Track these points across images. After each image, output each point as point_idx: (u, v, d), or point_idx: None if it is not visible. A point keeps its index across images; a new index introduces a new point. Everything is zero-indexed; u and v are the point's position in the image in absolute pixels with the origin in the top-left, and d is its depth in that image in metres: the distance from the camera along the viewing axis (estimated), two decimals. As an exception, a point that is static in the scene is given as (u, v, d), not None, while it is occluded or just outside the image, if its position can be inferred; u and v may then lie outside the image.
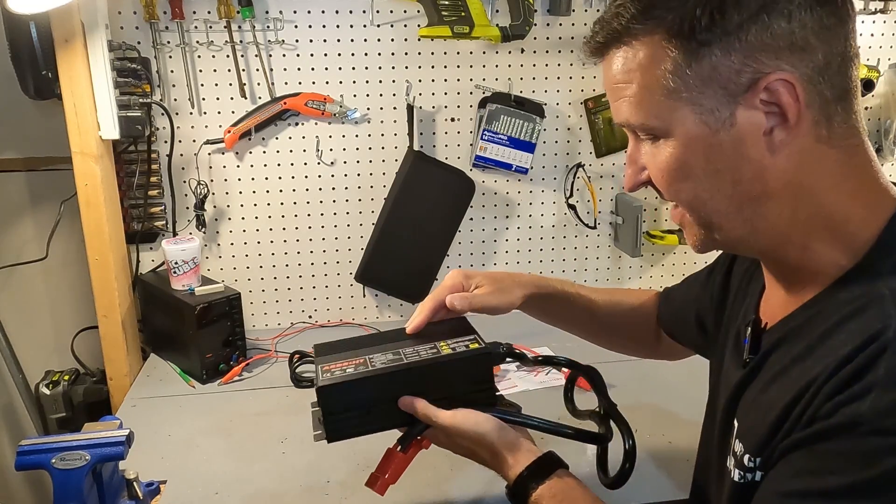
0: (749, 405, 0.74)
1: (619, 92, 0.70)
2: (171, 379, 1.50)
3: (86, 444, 0.92)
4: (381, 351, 0.93)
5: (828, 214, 0.67)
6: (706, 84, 0.64)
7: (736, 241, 0.72)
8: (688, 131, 0.66)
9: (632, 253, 1.76)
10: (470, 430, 0.86)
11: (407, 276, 1.69)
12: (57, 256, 1.69)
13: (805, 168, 0.66)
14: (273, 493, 1.10)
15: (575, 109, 1.73)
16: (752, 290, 0.84)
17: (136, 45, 1.51)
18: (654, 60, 0.66)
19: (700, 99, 0.65)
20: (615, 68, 0.69)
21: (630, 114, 0.69)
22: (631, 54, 0.67)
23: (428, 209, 1.65)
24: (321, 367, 0.91)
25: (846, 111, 0.66)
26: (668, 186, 0.71)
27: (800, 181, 0.66)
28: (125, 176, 1.57)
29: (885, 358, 0.58)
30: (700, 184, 0.68)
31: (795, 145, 0.65)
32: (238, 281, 1.68)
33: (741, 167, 0.66)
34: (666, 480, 1.12)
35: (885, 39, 1.81)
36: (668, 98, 0.66)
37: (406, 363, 0.89)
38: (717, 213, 0.69)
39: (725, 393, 0.80)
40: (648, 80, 0.66)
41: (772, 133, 0.64)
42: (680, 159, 0.68)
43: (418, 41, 1.62)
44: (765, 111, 0.64)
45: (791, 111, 0.63)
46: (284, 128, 1.63)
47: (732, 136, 0.65)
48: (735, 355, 0.81)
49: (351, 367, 0.90)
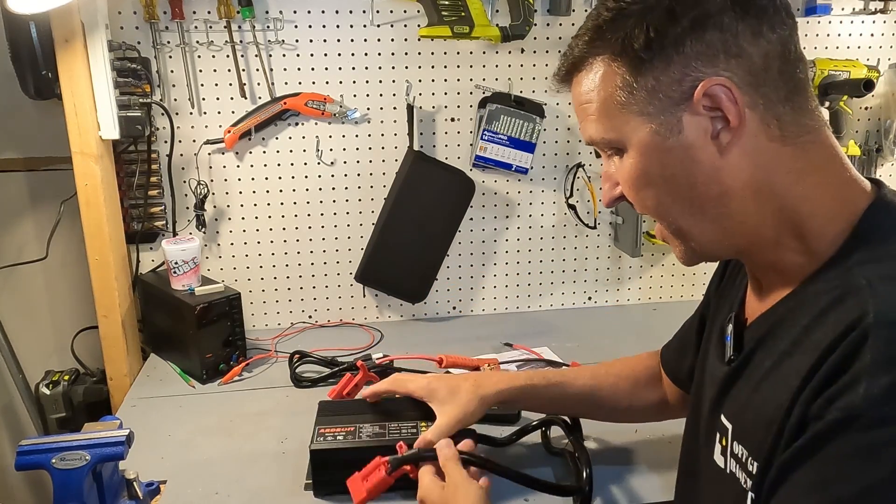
0: (742, 405, 0.74)
1: (583, 112, 0.76)
2: (171, 379, 1.49)
3: (86, 444, 0.92)
4: (371, 422, 1.09)
5: (793, 210, 0.69)
6: (652, 95, 0.69)
7: (711, 245, 0.75)
8: (641, 141, 0.71)
9: (632, 253, 1.76)
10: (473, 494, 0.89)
11: (407, 276, 1.69)
12: (57, 256, 1.69)
13: (761, 167, 0.69)
14: (273, 493, 1.10)
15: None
16: (738, 286, 0.86)
17: (136, 45, 1.51)
18: (606, 79, 0.72)
19: (648, 109, 0.70)
20: (578, 91, 0.76)
21: (593, 131, 0.75)
22: (589, 77, 0.74)
23: (428, 209, 1.65)
24: (318, 429, 1.09)
25: (796, 110, 0.69)
26: (634, 196, 0.75)
27: (758, 180, 0.69)
28: (125, 176, 1.57)
29: (869, 345, 0.58)
30: (660, 190, 0.72)
31: (745, 146, 0.68)
32: (238, 281, 1.68)
33: (694, 170, 0.70)
34: (665, 480, 1.11)
35: (885, 39, 1.81)
36: (620, 112, 0.71)
37: (387, 439, 1.05)
38: (683, 217, 0.73)
39: (711, 389, 0.81)
40: (603, 97, 0.72)
41: (718, 136, 0.68)
42: (638, 168, 0.72)
43: (418, 41, 1.62)
44: (710, 116, 0.68)
45: (731, 113, 0.67)
46: (284, 128, 1.64)
47: (682, 142, 0.69)
48: (718, 351, 0.82)
49: (341, 434, 1.07)
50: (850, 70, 1.74)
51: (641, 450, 1.20)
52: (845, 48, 1.80)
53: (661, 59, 0.68)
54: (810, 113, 0.70)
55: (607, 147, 0.75)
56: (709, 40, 0.67)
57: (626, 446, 1.20)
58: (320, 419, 1.12)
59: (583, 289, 1.86)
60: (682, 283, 1.90)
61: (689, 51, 0.67)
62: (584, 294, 1.87)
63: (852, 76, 1.73)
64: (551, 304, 1.86)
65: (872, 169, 1.88)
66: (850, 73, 1.74)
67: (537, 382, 1.10)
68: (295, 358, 1.50)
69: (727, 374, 0.77)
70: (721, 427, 0.76)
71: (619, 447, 1.20)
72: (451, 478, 0.92)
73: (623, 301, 1.89)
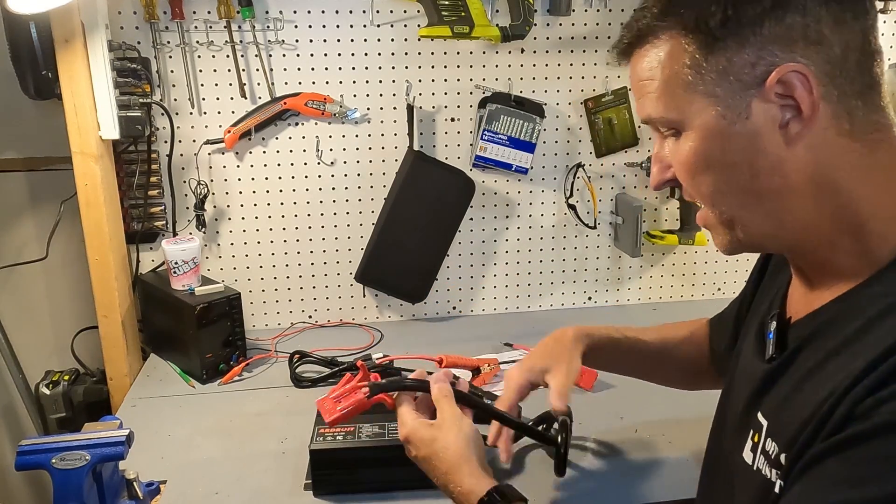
0: (781, 403, 0.71)
1: (643, 89, 0.72)
2: (171, 379, 1.49)
3: (86, 444, 0.92)
4: (371, 422, 1.09)
5: (854, 209, 0.67)
6: (722, 77, 0.66)
7: (761, 238, 0.72)
8: (705, 123, 0.68)
9: (632, 253, 1.76)
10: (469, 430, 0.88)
11: (407, 277, 1.69)
12: (57, 256, 1.69)
13: (827, 162, 0.66)
14: (273, 493, 1.10)
15: (575, 109, 1.73)
16: (779, 282, 0.84)
17: (136, 45, 1.51)
18: (673, 56, 0.68)
19: (716, 91, 0.66)
20: (640, 67, 0.72)
21: (652, 109, 0.72)
22: (653, 52, 0.70)
23: (428, 209, 1.65)
24: (317, 429, 1.09)
25: (869, 106, 0.66)
26: (689, 180, 0.72)
27: (823, 175, 0.66)
28: (125, 176, 1.57)
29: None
30: (719, 176, 0.69)
31: (814, 138, 0.65)
32: (238, 281, 1.68)
33: (757, 160, 0.67)
34: (666, 480, 1.12)
35: (885, 39, 1.81)
36: (686, 92, 0.68)
37: (386, 440, 1.06)
38: (737, 207, 0.70)
39: (748, 386, 0.78)
40: (668, 75, 0.69)
41: (787, 126, 0.65)
42: (698, 152, 0.69)
43: (418, 41, 1.62)
44: (780, 104, 0.65)
45: (805, 103, 0.64)
46: (284, 128, 1.64)
47: (748, 129, 0.66)
48: (757, 348, 0.80)
49: (341, 434, 1.08)
50: (850, 70, 1.74)
51: (642, 450, 1.20)
52: (845, 48, 1.80)
53: (735, 40, 0.65)
54: (882, 110, 0.67)
55: (666, 127, 0.72)
56: (789, 23, 0.63)
57: (627, 446, 1.20)
58: (321, 419, 1.12)
59: (583, 289, 1.86)
60: (682, 283, 1.90)
61: (767, 33, 0.64)
62: (584, 294, 1.87)
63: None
64: (551, 304, 1.86)
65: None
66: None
67: (613, 333, 1.10)
68: (295, 358, 1.50)
69: (767, 373, 0.75)
70: (756, 424, 0.74)
71: (620, 447, 1.20)
72: (442, 414, 0.89)
73: (623, 301, 1.89)
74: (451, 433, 0.87)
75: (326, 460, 1.07)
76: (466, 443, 0.87)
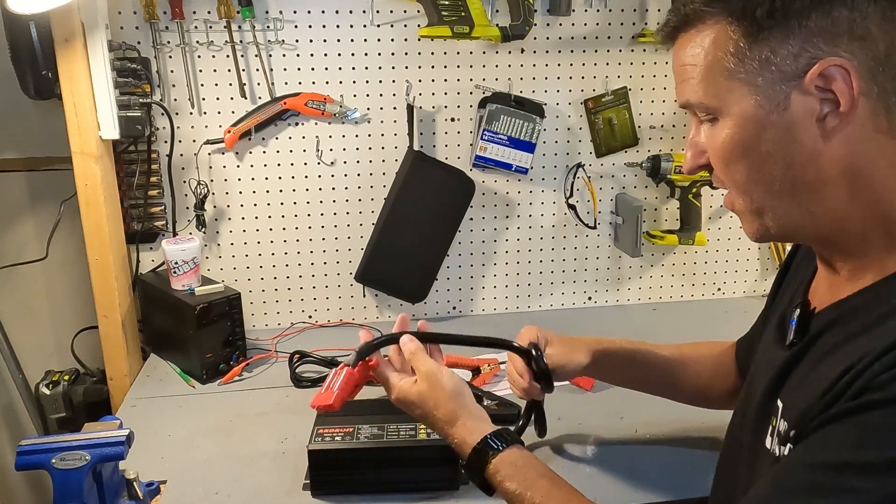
0: (798, 385, 0.72)
1: (684, 74, 0.73)
2: (171, 379, 1.49)
3: (86, 444, 0.92)
4: (370, 423, 1.09)
5: (888, 205, 0.68)
6: (764, 66, 0.67)
7: (791, 227, 0.72)
8: (743, 111, 0.69)
9: (632, 253, 1.76)
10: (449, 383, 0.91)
11: (407, 277, 1.69)
12: (57, 256, 1.69)
13: (863, 157, 0.66)
14: (273, 493, 1.10)
15: (575, 109, 1.73)
16: (803, 274, 0.85)
17: (136, 45, 1.51)
18: (718, 42, 0.69)
19: (757, 81, 0.67)
20: (683, 51, 0.73)
21: (691, 93, 0.72)
22: (698, 38, 0.71)
23: (428, 209, 1.65)
24: (316, 430, 1.09)
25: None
26: (723, 167, 0.73)
27: (857, 169, 0.67)
28: (125, 176, 1.57)
29: None
30: (752, 165, 0.70)
31: (851, 133, 0.66)
32: (238, 281, 1.68)
33: (793, 151, 0.68)
34: (666, 480, 1.12)
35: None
36: (727, 79, 0.69)
37: (384, 441, 1.06)
38: (769, 196, 0.71)
39: (768, 374, 0.79)
40: (711, 61, 0.70)
41: (825, 119, 0.66)
42: (734, 139, 0.70)
43: (418, 41, 1.62)
44: (819, 97, 0.65)
45: (844, 98, 0.64)
46: (284, 128, 1.64)
47: (786, 120, 0.67)
48: (778, 336, 0.81)
49: (339, 434, 1.08)
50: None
51: (641, 451, 1.20)
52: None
53: (781, 30, 0.65)
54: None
55: (704, 112, 0.73)
56: (836, 17, 0.64)
57: (626, 447, 1.20)
58: (320, 419, 1.12)
59: (583, 289, 1.86)
60: (682, 283, 1.90)
61: (813, 25, 0.64)
62: (584, 294, 1.87)
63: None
64: (551, 304, 1.86)
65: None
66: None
67: (627, 346, 1.12)
68: (295, 358, 1.50)
69: (787, 358, 0.75)
70: (774, 409, 0.75)
71: (619, 448, 1.20)
72: (420, 370, 0.92)
73: (623, 301, 1.89)
74: (436, 389, 0.90)
75: (325, 461, 1.07)
76: (453, 395, 0.90)
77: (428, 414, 0.91)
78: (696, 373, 1.12)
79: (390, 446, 1.04)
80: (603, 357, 1.10)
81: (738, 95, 0.69)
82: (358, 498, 1.07)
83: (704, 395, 1.13)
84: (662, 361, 1.12)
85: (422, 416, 0.92)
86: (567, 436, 1.23)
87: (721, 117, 0.71)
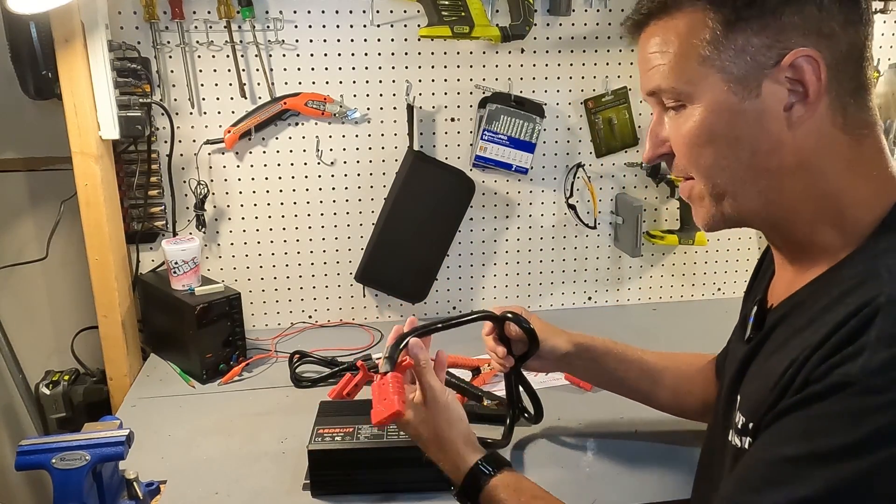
0: (751, 378, 0.76)
1: (653, 61, 0.75)
2: (171, 379, 1.49)
3: (86, 444, 0.92)
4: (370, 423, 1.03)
5: (837, 196, 0.71)
6: (738, 55, 0.70)
7: (747, 213, 0.75)
8: (715, 97, 0.71)
9: (632, 253, 1.76)
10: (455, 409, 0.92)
11: (407, 277, 1.69)
12: (57, 256, 1.69)
13: (820, 149, 0.70)
14: (273, 493, 1.10)
15: (575, 109, 1.73)
16: (764, 275, 0.88)
17: (136, 45, 1.51)
18: (694, 29, 0.71)
19: (731, 68, 0.70)
20: (654, 38, 0.75)
21: (662, 79, 0.74)
22: (672, 24, 0.73)
23: (428, 209, 1.65)
24: (316, 430, 1.10)
25: (859, 104, 0.71)
26: (689, 152, 0.75)
27: (814, 161, 0.71)
28: (125, 176, 1.57)
29: (877, 321, 0.61)
30: (720, 150, 0.73)
31: (812, 125, 0.70)
32: (238, 281, 1.68)
33: (760, 138, 0.71)
34: (666, 480, 1.12)
35: (885, 39, 1.81)
36: (701, 65, 0.71)
37: (384, 442, 1.06)
38: (733, 181, 0.74)
39: (731, 369, 0.83)
40: (685, 47, 0.72)
41: (791, 109, 0.69)
42: (705, 124, 0.72)
43: (418, 41, 1.62)
44: (788, 87, 0.69)
45: (812, 88, 0.68)
46: (284, 128, 1.64)
47: (756, 107, 0.70)
48: (740, 333, 0.85)
49: (339, 435, 1.08)
50: (850, 70, 1.74)
51: (641, 450, 1.19)
52: (845, 48, 1.80)
53: (758, 21, 0.68)
54: (869, 111, 0.72)
55: (673, 99, 0.75)
56: (806, 14, 0.68)
57: (627, 446, 1.20)
58: (320, 419, 1.13)
59: (583, 289, 1.86)
60: (682, 283, 1.90)
61: (786, 20, 0.68)
62: (584, 294, 1.87)
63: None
64: (551, 304, 1.86)
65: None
66: (850, 73, 1.74)
67: (608, 344, 1.13)
68: (295, 358, 1.50)
69: (745, 353, 0.79)
70: (735, 403, 0.78)
71: (619, 447, 1.20)
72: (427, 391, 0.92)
73: (623, 301, 1.89)
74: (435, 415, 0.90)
75: (325, 461, 1.07)
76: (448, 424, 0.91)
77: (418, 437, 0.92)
78: (674, 380, 1.13)
79: (390, 446, 1.04)
80: (582, 350, 1.11)
81: (712, 82, 0.71)
82: (358, 498, 1.07)
83: (681, 403, 1.14)
84: (642, 364, 1.13)
85: (414, 437, 0.93)
86: (567, 436, 1.23)
87: (691, 103, 0.73)
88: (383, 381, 0.91)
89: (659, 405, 1.16)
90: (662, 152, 0.78)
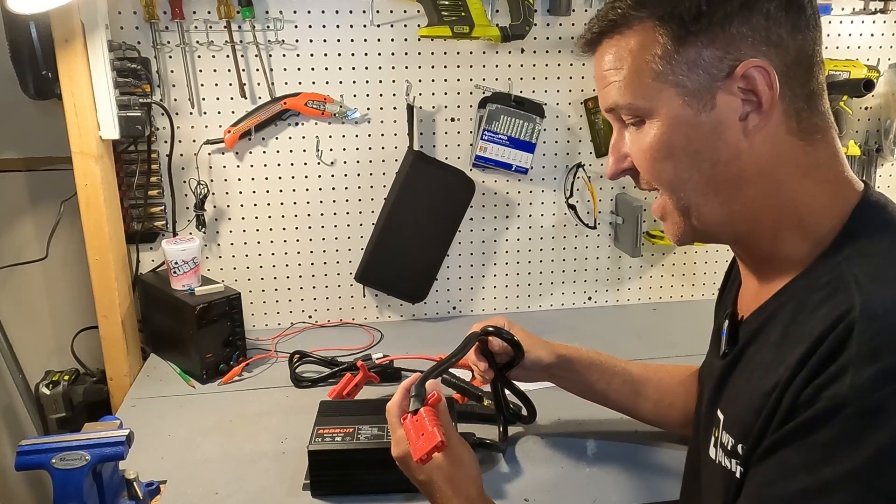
0: (734, 396, 0.76)
1: (609, 78, 0.75)
2: (171, 379, 1.49)
3: (86, 444, 0.92)
4: (370, 424, 1.09)
5: (796, 203, 0.72)
6: (691, 69, 0.70)
7: (713, 226, 0.76)
8: (672, 111, 0.71)
9: (632, 253, 1.76)
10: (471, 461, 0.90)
11: (407, 276, 1.69)
12: (57, 256, 1.69)
13: (776, 156, 0.71)
14: (273, 493, 1.10)
15: (575, 109, 1.73)
16: (732, 285, 0.89)
17: (136, 45, 1.51)
18: (645, 46, 0.71)
19: (685, 82, 0.70)
20: (608, 56, 0.75)
21: (619, 96, 0.74)
22: (623, 41, 0.73)
23: (428, 209, 1.65)
24: (317, 430, 1.10)
25: (812, 110, 0.72)
26: (650, 167, 0.75)
27: (771, 169, 0.71)
28: (125, 176, 1.57)
29: (855, 336, 0.60)
30: (680, 163, 0.73)
31: (768, 133, 0.70)
32: (238, 281, 1.68)
33: (719, 148, 0.71)
34: (665, 480, 1.11)
35: (884, 39, 1.81)
36: (655, 80, 0.71)
37: (384, 442, 1.03)
38: (696, 194, 0.74)
39: (708, 383, 0.83)
40: (639, 64, 0.72)
41: (747, 118, 0.70)
42: (663, 139, 0.72)
43: (418, 41, 1.62)
44: (742, 98, 0.69)
45: (765, 97, 0.69)
46: (284, 128, 1.64)
47: (712, 119, 0.70)
48: (715, 347, 0.84)
49: (339, 435, 1.08)
50: (850, 70, 1.74)
51: (641, 450, 1.19)
52: (845, 48, 1.80)
53: (707, 34, 0.69)
54: (822, 115, 0.72)
55: (631, 115, 0.75)
56: (754, 24, 0.68)
57: (627, 446, 1.20)
58: (320, 419, 1.13)
59: (583, 289, 1.86)
60: (682, 284, 1.90)
61: (735, 31, 0.68)
62: (584, 294, 1.87)
63: (852, 76, 1.73)
64: (551, 304, 1.86)
65: (872, 169, 1.88)
66: (850, 73, 1.74)
67: (594, 357, 1.13)
68: (295, 358, 1.50)
69: (722, 368, 0.79)
70: (716, 420, 0.78)
71: (619, 447, 1.20)
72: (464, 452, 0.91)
73: (623, 301, 1.89)
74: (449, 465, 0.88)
75: (325, 461, 1.07)
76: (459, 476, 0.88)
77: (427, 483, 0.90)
78: (657, 393, 1.13)
79: (390, 446, 1.04)
80: (564, 361, 1.12)
81: (667, 96, 0.71)
82: (358, 498, 1.07)
83: (664, 416, 1.14)
84: (625, 376, 1.13)
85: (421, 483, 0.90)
86: (567, 435, 1.23)
87: (649, 118, 0.73)
88: (417, 418, 0.90)
89: (641, 417, 1.16)
90: (625, 167, 0.78)
